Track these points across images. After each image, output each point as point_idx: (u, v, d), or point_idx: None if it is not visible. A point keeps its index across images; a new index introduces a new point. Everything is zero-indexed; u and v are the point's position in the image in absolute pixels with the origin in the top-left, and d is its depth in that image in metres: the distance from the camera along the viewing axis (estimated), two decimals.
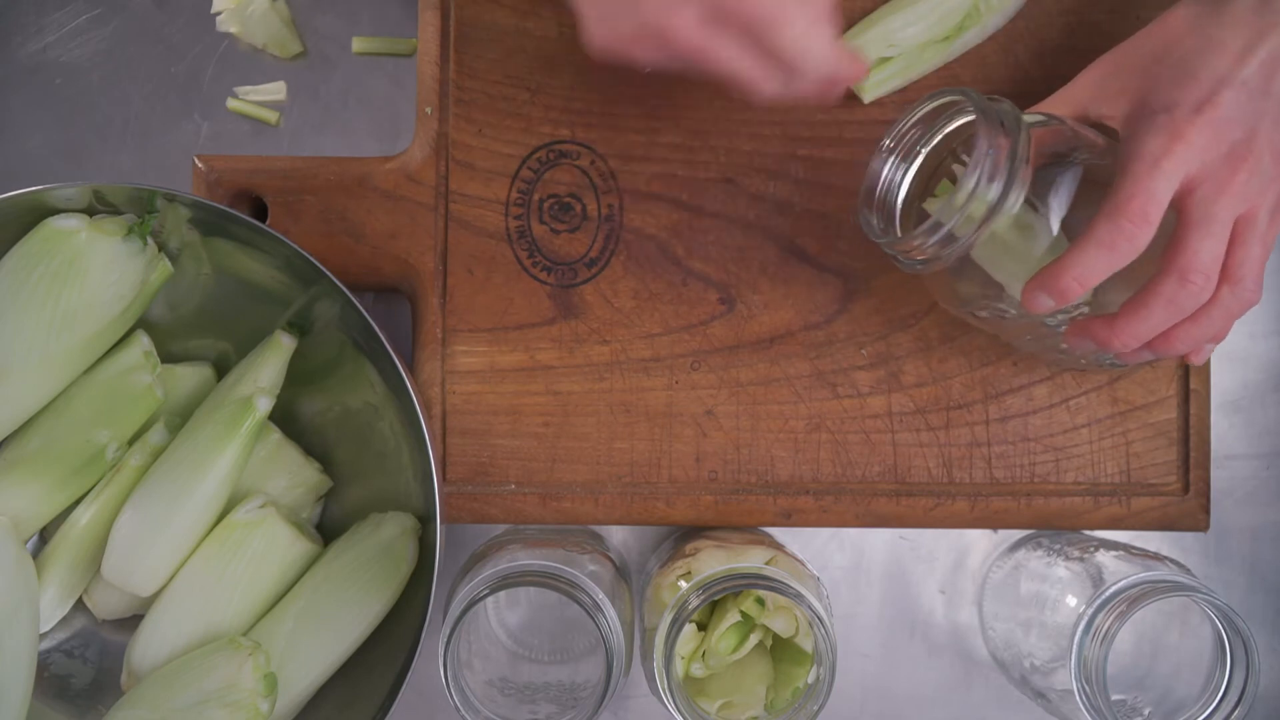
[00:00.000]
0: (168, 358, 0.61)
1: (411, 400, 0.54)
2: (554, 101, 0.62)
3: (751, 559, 0.57)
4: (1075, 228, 0.50)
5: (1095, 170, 0.51)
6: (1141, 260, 0.49)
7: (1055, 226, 0.51)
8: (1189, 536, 0.67)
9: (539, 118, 0.62)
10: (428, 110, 0.61)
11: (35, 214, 0.55)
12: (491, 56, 0.62)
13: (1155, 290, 0.50)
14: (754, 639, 0.58)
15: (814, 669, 0.55)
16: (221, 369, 0.62)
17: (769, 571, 0.55)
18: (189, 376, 0.61)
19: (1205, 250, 0.49)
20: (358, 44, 0.68)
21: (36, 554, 0.60)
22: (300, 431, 0.63)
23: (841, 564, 0.68)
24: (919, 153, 0.54)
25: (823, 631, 0.53)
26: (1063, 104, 0.55)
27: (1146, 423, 0.62)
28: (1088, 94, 0.55)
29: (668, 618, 0.54)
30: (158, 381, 0.59)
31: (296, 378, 0.60)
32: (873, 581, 0.68)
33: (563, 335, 0.62)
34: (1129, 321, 0.51)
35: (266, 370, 0.59)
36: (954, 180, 0.54)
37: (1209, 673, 0.56)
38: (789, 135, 0.62)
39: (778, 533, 0.66)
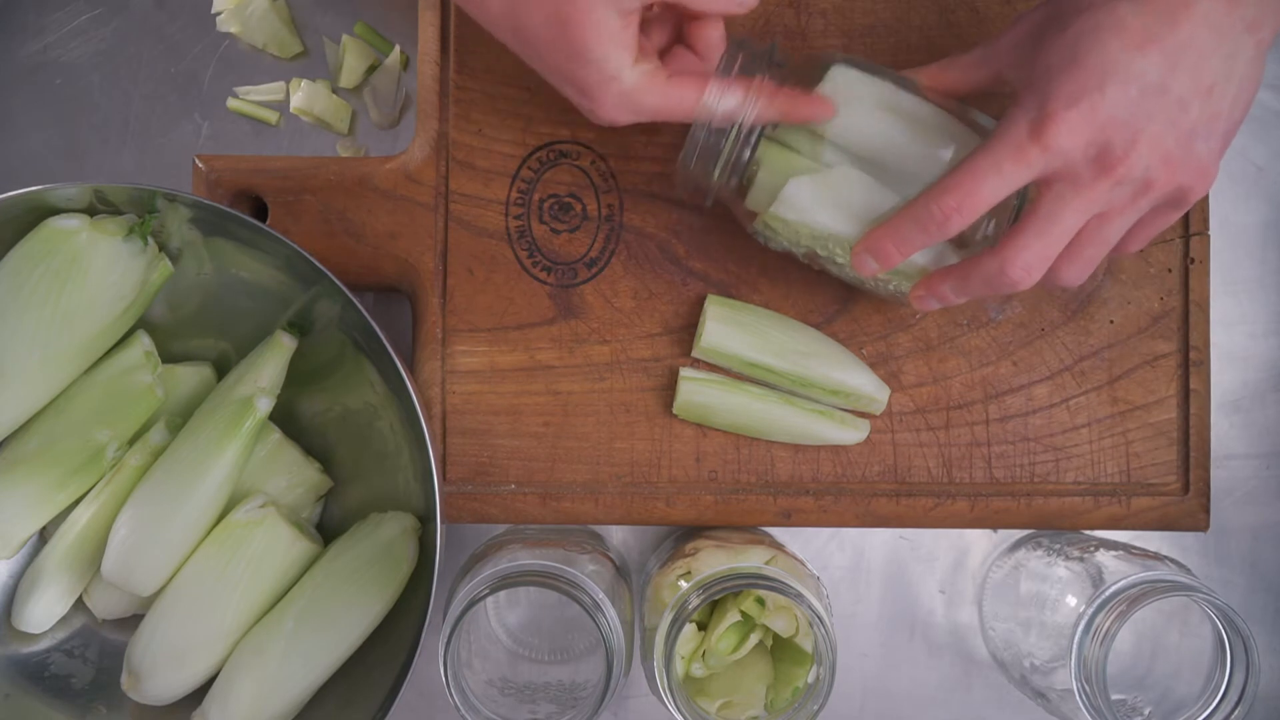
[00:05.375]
0: (168, 358, 0.61)
1: (411, 400, 0.54)
2: (554, 101, 0.62)
3: (751, 559, 0.57)
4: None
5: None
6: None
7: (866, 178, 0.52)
8: (1189, 536, 0.67)
9: (539, 118, 0.62)
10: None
11: (36, 214, 0.55)
12: (491, 56, 0.62)
13: (978, 267, 0.50)
14: (754, 639, 0.58)
15: (814, 669, 0.55)
16: (221, 369, 0.62)
17: (769, 571, 0.55)
18: (189, 376, 0.61)
19: (1035, 249, 0.48)
20: (340, 44, 0.68)
21: (36, 554, 0.60)
22: (300, 431, 0.63)
23: (841, 564, 0.68)
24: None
25: (823, 631, 0.53)
26: (978, 64, 0.53)
27: (1146, 423, 0.62)
28: (1003, 57, 0.51)
29: (668, 618, 0.54)
30: (158, 381, 0.59)
31: (296, 378, 0.60)
32: (873, 581, 0.68)
33: (563, 335, 0.62)
34: (946, 288, 0.52)
35: (267, 370, 0.59)
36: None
37: (1209, 673, 0.56)
38: None
39: (778, 533, 0.66)
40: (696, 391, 0.60)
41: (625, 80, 0.50)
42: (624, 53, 0.49)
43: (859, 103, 0.52)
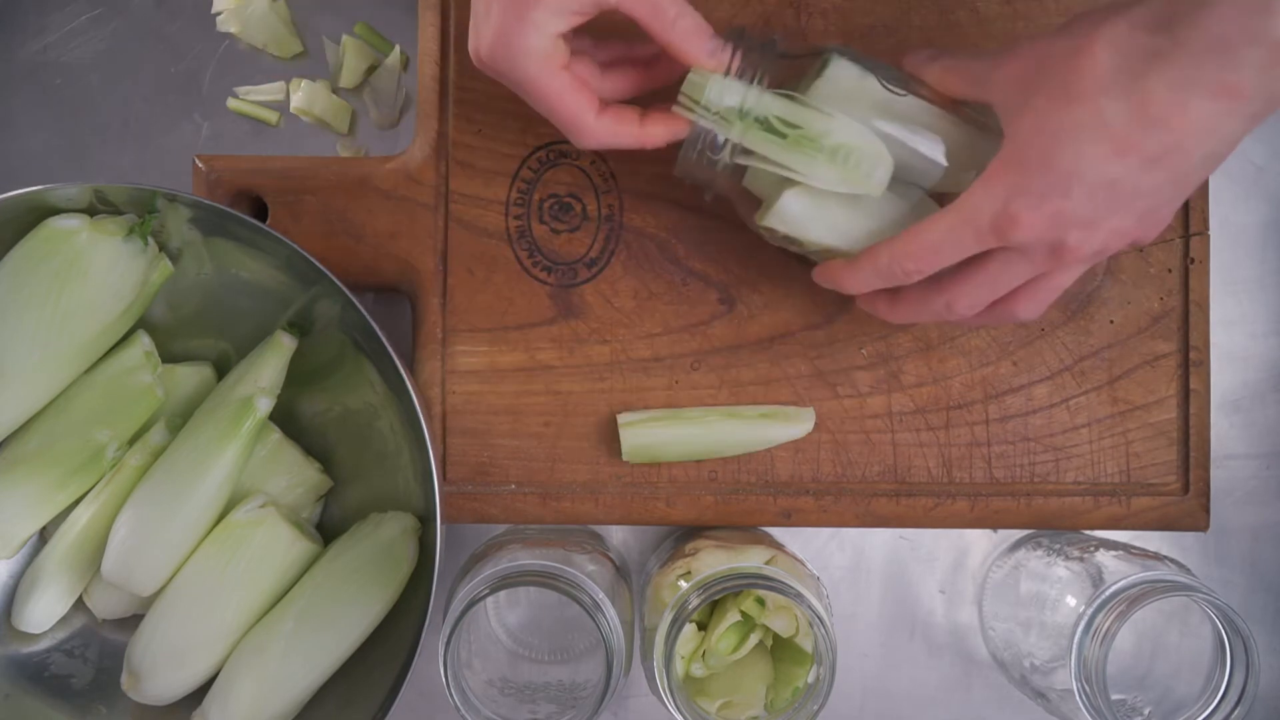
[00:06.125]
0: (168, 358, 0.61)
1: (411, 400, 0.54)
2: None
3: (751, 559, 0.57)
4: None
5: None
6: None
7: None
8: (1189, 536, 0.67)
9: (539, 118, 0.61)
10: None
11: (36, 214, 0.55)
12: None
13: (925, 299, 0.52)
14: (754, 639, 0.58)
15: (814, 669, 0.55)
16: (221, 369, 0.62)
17: (769, 571, 0.55)
18: (189, 376, 0.61)
19: (982, 295, 0.50)
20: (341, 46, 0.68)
21: (36, 554, 0.60)
22: (300, 431, 0.63)
23: (841, 564, 0.68)
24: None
25: (823, 631, 0.53)
26: (975, 85, 0.51)
27: (1146, 423, 0.62)
28: (996, 91, 0.49)
29: (668, 618, 0.54)
30: (158, 381, 0.59)
31: (297, 378, 0.60)
32: (873, 581, 0.68)
33: (563, 335, 0.62)
34: (896, 307, 0.54)
35: (267, 370, 0.59)
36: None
37: (1209, 673, 0.56)
38: None
39: (778, 533, 0.66)
40: (638, 435, 0.60)
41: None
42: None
43: (855, 105, 0.52)
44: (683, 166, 0.54)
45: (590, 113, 0.51)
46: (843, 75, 0.52)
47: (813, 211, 0.52)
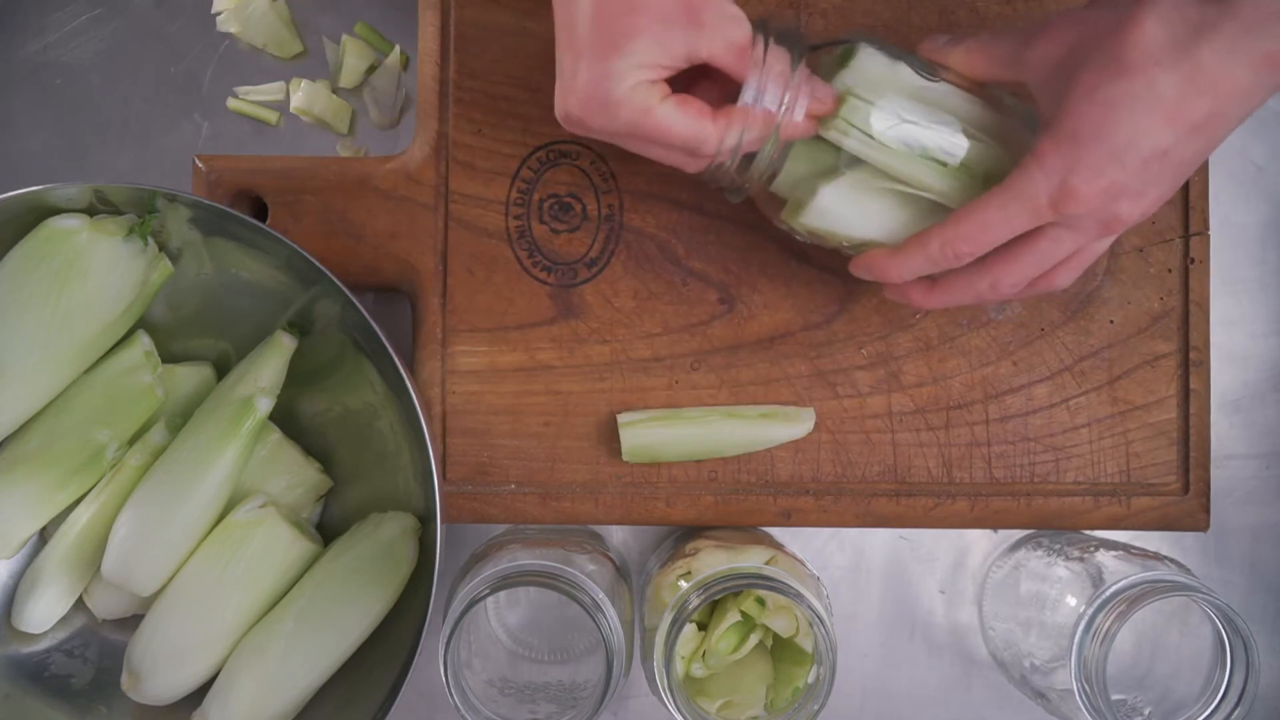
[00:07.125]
0: (168, 358, 0.61)
1: (411, 400, 0.54)
2: (554, 101, 0.62)
3: (751, 559, 0.57)
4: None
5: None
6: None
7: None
8: (1189, 536, 0.67)
9: (539, 118, 0.62)
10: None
11: (36, 214, 0.55)
12: (491, 56, 0.62)
13: (966, 282, 0.52)
14: (754, 639, 0.58)
15: (814, 669, 0.55)
16: (221, 369, 0.62)
17: (769, 571, 0.55)
18: (189, 376, 0.61)
19: (1029, 271, 0.50)
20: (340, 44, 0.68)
21: (36, 554, 0.60)
22: (300, 431, 0.63)
23: (841, 564, 0.68)
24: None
25: (823, 631, 0.53)
26: (1006, 65, 0.51)
27: (1146, 423, 0.62)
28: (1032, 70, 0.50)
29: (668, 618, 0.54)
30: (158, 381, 0.59)
31: (297, 378, 0.60)
32: (873, 581, 0.68)
33: (563, 335, 0.62)
34: (934, 293, 0.53)
35: (267, 370, 0.59)
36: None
37: (1209, 673, 0.56)
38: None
39: (778, 533, 0.66)
40: (638, 435, 0.60)
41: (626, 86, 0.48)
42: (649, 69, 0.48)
43: (887, 91, 0.50)
44: (712, 171, 0.52)
45: (707, 122, 0.49)
46: (871, 63, 0.51)
47: (849, 207, 0.52)
